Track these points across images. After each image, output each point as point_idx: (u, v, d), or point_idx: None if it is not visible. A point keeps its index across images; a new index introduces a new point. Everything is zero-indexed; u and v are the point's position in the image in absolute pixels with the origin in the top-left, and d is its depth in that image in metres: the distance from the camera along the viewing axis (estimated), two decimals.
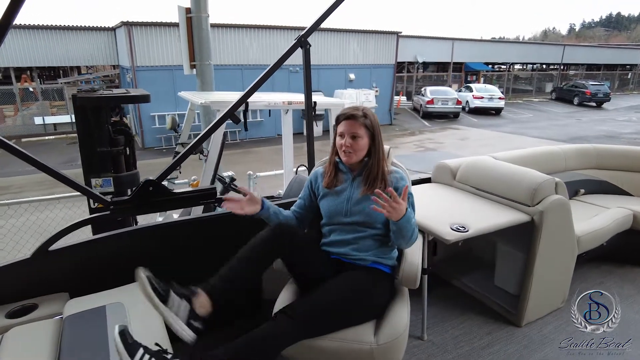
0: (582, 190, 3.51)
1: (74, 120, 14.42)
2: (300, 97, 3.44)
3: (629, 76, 37.08)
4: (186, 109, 4.05)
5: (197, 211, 3.29)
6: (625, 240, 3.08)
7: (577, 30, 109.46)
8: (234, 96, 3.32)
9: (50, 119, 16.14)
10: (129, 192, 2.94)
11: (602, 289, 2.86)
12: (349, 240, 1.84)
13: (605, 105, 25.31)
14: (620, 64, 36.26)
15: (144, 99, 2.80)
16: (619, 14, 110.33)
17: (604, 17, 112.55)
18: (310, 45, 2.17)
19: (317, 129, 15.78)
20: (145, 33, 13.79)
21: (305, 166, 3.79)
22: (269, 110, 4.03)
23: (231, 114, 2.10)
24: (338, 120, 1.83)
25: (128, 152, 2.99)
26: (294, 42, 2.13)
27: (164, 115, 13.77)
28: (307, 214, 2.00)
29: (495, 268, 2.78)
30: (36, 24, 14.97)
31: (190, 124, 3.97)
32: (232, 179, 3.82)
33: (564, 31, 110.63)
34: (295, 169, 4.29)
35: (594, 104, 25.28)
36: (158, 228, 2.18)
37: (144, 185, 1.95)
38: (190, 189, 2.80)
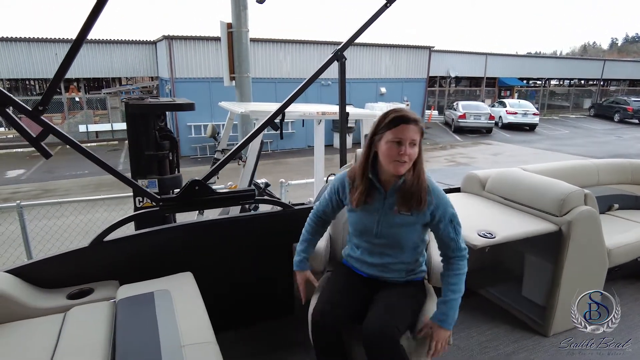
0: (616, 205, 3.46)
1: (114, 129, 15.16)
2: (333, 108, 3.59)
3: None
4: (220, 120, 4.28)
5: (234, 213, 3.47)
6: None
7: (619, 44, 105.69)
8: (271, 107, 3.52)
9: (93, 127, 17.07)
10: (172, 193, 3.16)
11: (635, 306, 2.83)
12: (378, 264, 1.80)
13: None
14: None
15: (189, 107, 3.02)
16: None
17: None
18: (345, 59, 2.31)
19: (348, 140, 15.93)
20: (185, 46, 14.45)
21: (335, 175, 3.93)
22: (302, 120, 4.20)
23: (271, 122, 2.26)
24: (393, 123, 1.60)
25: (172, 157, 3.20)
26: (331, 56, 2.27)
27: (200, 125, 14.29)
28: (333, 215, 1.96)
29: (522, 279, 2.80)
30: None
31: (229, 132, 4.20)
32: (267, 185, 4.00)
33: (605, 45, 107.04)
34: (325, 178, 4.42)
35: (636, 121, 24.28)
36: (198, 225, 2.35)
37: (190, 184, 2.13)
38: (231, 189, 2.98)
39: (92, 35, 1.85)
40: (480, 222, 2.36)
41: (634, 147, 16.90)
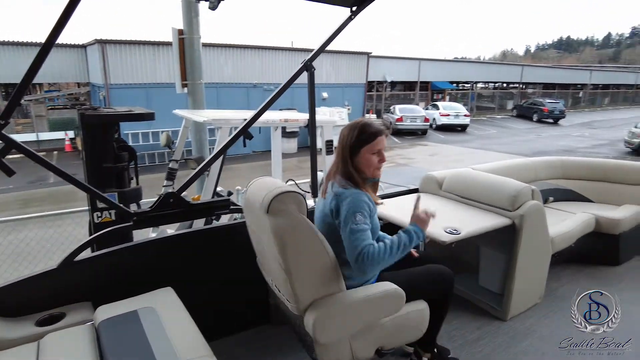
0: (552, 198, 3.86)
1: (41, 139, 13.97)
2: (294, 115, 3.65)
3: (580, 95, 39.59)
4: (160, 127, 4.18)
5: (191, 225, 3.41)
6: (590, 242, 3.42)
7: (532, 51, 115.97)
8: (230, 114, 3.50)
9: (16, 138, 15.59)
10: (136, 206, 3.05)
11: (573, 286, 3.18)
12: None
13: (561, 121, 26.91)
14: (572, 83, 38.78)
15: (149, 116, 2.94)
16: (568, 37, 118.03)
17: (555, 40, 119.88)
18: (314, 69, 2.39)
19: (292, 145, 16.02)
20: (120, 51, 13.75)
21: (293, 180, 3.98)
22: (259, 128, 4.22)
23: (245, 131, 2.28)
24: (372, 137, 1.81)
25: (130, 169, 3.09)
26: (300, 66, 2.34)
27: (138, 133, 13.65)
28: None
29: (479, 270, 3.04)
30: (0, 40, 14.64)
31: (184, 141, 4.10)
32: (229, 193, 3.96)
33: (520, 52, 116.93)
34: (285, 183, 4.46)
35: (551, 121, 26.83)
36: (172, 239, 2.31)
37: (165, 197, 2.09)
38: (207, 200, 2.94)
39: (10, 36, 1.74)
40: (443, 220, 2.53)
41: (553, 145, 18.65)
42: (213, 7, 4.25)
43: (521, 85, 35.33)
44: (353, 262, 1.70)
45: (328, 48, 2.43)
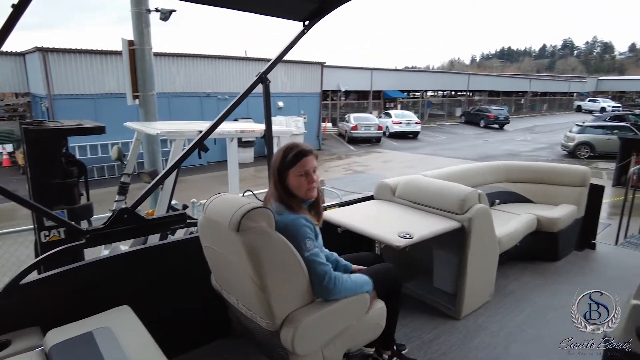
0: (497, 201, 4.10)
1: None
2: (250, 126, 3.65)
3: (522, 101, 42.12)
4: (108, 140, 4.05)
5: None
6: (533, 240, 3.67)
7: (477, 60, 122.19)
8: (184, 126, 3.46)
9: None
10: (87, 223, 2.93)
11: (519, 282, 3.39)
12: None
13: (506, 127, 28.45)
14: (514, 91, 41.26)
15: (100, 130, 2.85)
16: (509, 47, 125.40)
17: (498, 50, 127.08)
18: (269, 82, 2.43)
19: (248, 155, 15.90)
20: (65, 60, 13.10)
21: (250, 191, 3.97)
22: (215, 139, 4.19)
23: (201, 143, 2.27)
24: (297, 159, 1.82)
25: (80, 184, 2.97)
26: (255, 78, 2.37)
27: (86, 145, 13.02)
28: None
29: (432, 271, 3.18)
30: None
31: (136, 154, 3.99)
32: (185, 207, 3.89)
33: (467, 61, 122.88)
34: (242, 194, 4.44)
35: (496, 126, 28.33)
36: (126, 256, 2.24)
37: (119, 213, 2.04)
38: (162, 215, 2.87)
39: None
40: (397, 225, 2.64)
41: (499, 149, 19.69)
42: (164, 18, 4.21)
43: (468, 93, 37.12)
44: (320, 287, 1.78)
45: (284, 58, 2.48)
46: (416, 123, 23.80)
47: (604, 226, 6.97)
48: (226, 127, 3.62)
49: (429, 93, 37.65)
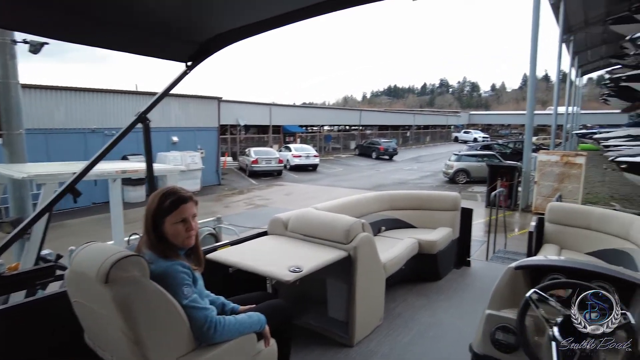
0: (384, 228, 4.41)
1: None
2: (132, 165, 3.47)
3: (408, 134, 46.33)
4: None
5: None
6: (416, 263, 3.99)
7: (368, 97, 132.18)
8: (58, 167, 3.16)
9: None
10: None
11: (406, 304, 3.64)
12: None
13: (395, 157, 30.88)
14: (401, 124, 45.38)
15: None
16: (395, 85, 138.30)
17: (386, 87, 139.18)
18: (150, 121, 2.36)
19: (139, 194, 14.88)
20: None
21: (137, 234, 3.73)
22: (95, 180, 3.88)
23: (72, 188, 2.10)
24: (174, 206, 1.75)
25: None
26: (135, 118, 2.29)
27: None
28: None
29: (327, 302, 3.26)
30: None
31: None
32: (59, 257, 3.47)
33: (359, 98, 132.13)
34: (127, 239, 4.15)
35: (387, 157, 30.62)
36: None
37: None
38: (27, 268, 2.52)
39: None
40: (288, 259, 2.69)
41: (389, 178, 21.20)
42: (34, 51, 3.87)
43: (361, 127, 39.77)
44: (200, 332, 1.72)
45: (176, 92, 2.44)
46: (315, 156, 24.68)
47: (480, 244, 7.85)
48: (106, 167, 3.39)
49: (326, 127, 39.58)
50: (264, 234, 3.42)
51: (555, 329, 1.62)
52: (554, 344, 1.60)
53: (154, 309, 1.61)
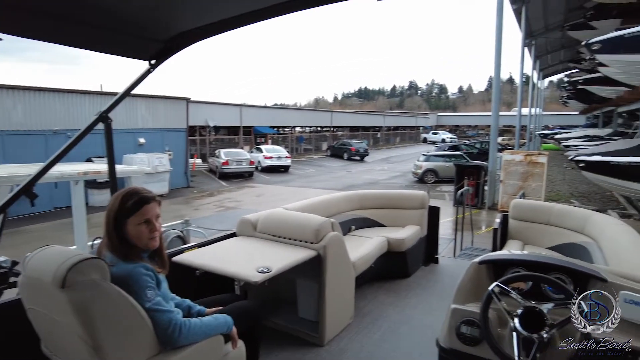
0: (353, 227, 4.44)
1: None
2: (94, 167, 3.36)
3: (378, 135, 46.90)
4: None
5: None
6: (385, 261, 4.04)
7: (339, 99, 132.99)
8: (12, 169, 3.02)
9: None
10: None
11: (376, 302, 3.67)
12: None
13: (366, 158, 31.17)
14: (372, 126, 45.89)
15: None
16: (366, 87, 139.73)
17: (356, 89, 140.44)
18: (111, 120, 2.29)
19: (104, 197, 14.39)
20: None
21: (101, 238, 3.60)
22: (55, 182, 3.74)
23: (27, 190, 2.00)
24: (137, 206, 1.70)
25: None
26: (95, 117, 2.22)
27: None
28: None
29: (297, 302, 3.25)
30: None
31: None
32: (15, 263, 3.30)
33: (330, 99, 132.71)
34: (90, 243, 4.01)
35: (358, 158, 30.88)
36: None
37: None
38: None
39: None
40: (257, 260, 2.66)
41: (360, 178, 21.39)
42: None
43: (332, 129, 39.97)
44: (164, 336, 1.68)
45: (143, 93, 2.37)
46: (287, 157, 24.60)
47: (448, 241, 8.02)
48: (67, 168, 3.26)
49: (297, 129, 39.59)
50: (233, 235, 3.38)
51: (516, 320, 1.67)
52: (514, 334, 1.65)
53: (114, 313, 1.56)
